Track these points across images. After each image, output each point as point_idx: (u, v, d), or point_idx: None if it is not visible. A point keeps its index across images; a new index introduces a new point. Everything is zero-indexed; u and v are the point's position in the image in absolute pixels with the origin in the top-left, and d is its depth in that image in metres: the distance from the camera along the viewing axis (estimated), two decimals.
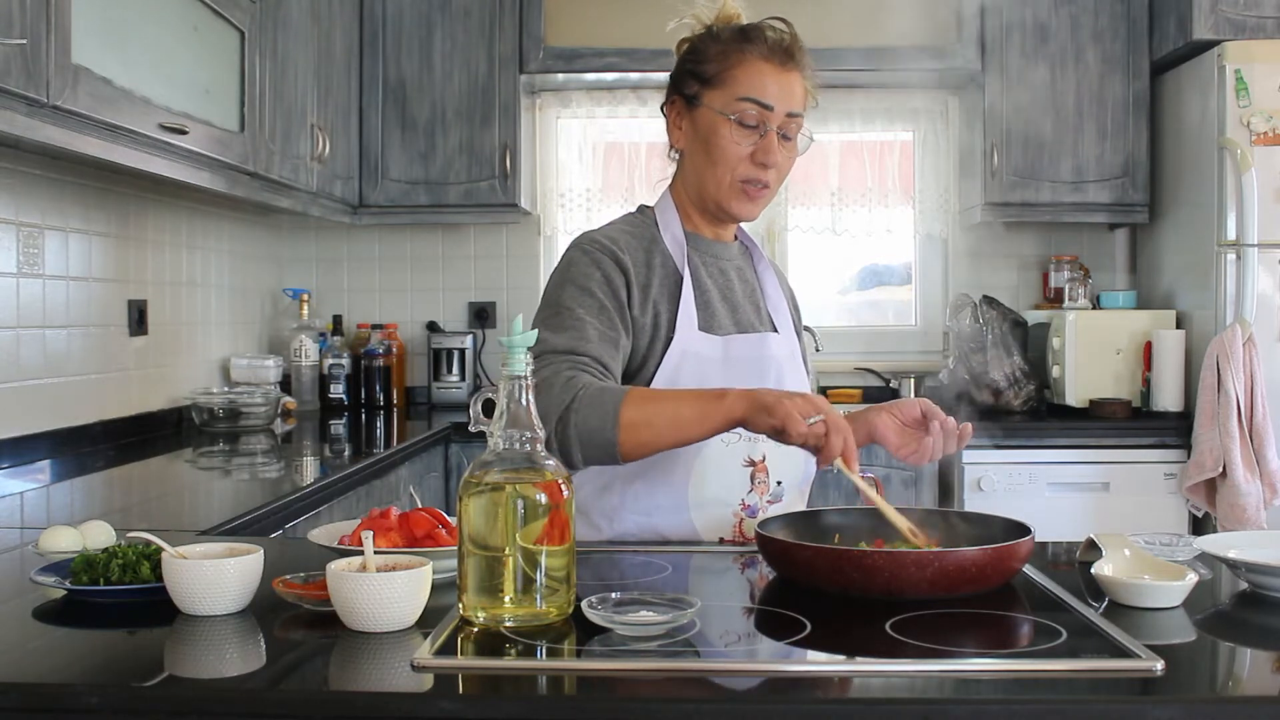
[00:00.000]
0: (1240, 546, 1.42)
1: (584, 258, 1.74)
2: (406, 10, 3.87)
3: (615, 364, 1.69)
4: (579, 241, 1.78)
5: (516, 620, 1.18)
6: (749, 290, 1.87)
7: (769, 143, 1.73)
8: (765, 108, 1.72)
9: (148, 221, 3.18)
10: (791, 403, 1.47)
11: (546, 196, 4.24)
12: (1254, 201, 3.35)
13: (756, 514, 1.73)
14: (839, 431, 1.46)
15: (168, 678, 1.07)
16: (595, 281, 1.71)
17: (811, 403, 1.48)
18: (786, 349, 1.85)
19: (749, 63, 1.73)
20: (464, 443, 3.57)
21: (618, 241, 1.77)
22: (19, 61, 1.83)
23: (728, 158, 1.75)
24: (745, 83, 1.73)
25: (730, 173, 1.75)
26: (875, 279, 4.42)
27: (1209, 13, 3.47)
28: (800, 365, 1.88)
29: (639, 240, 1.79)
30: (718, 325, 1.78)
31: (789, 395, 1.50)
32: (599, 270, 1.72)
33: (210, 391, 3.38)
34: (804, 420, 1.46)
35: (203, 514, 2.22)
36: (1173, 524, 3.46)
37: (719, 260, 1.85)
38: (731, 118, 1.73)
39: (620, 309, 1.71)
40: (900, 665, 1.08)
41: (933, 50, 3.85)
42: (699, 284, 1.79)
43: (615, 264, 1.73)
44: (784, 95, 1.73)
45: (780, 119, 1.74)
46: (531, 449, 1.22)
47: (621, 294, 1.72)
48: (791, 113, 1.74)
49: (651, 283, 1.75)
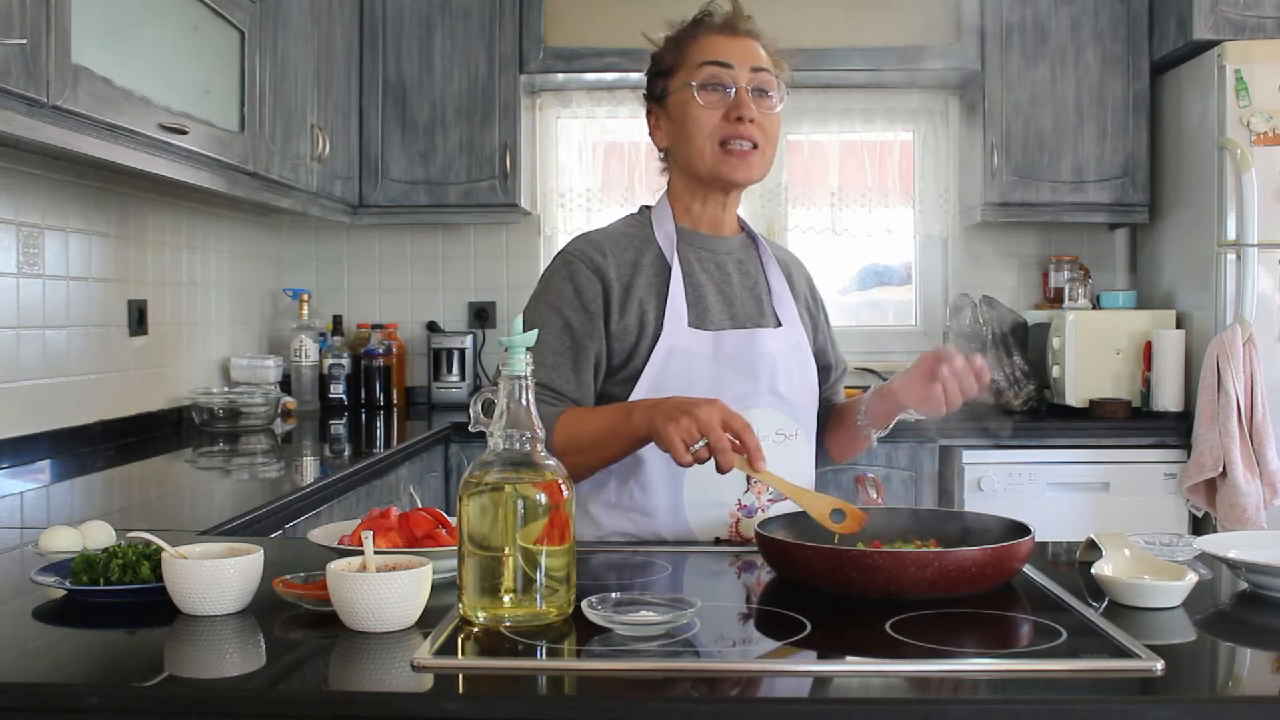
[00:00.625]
0: (1240, 546, 1.42)
1: (561, 270, 1.78)
2: (406, 10, 3.87)
3: (571, 384, 1.73)
4: (565, 249, 1.82)
5: (516, 620, 1.18)
6: (750, 283, 1.86)
7: (740, 98, 1.75)
8: (725, 66, 1.75)
9: (148, 221, 3.18)
10: (677, 427, 1.49)
11: (546, 196, 4.24)
12: (1254, 201, 3.35)
13: (754, 514, 1.73)
14: (723, 452, 1.48)
15: (168, 678, 1.07)
16: (564, 298, 1.75)
17: (703, 419, 1.48)
18: (788, 341, 1.84)
19: (700, 37, 1.79)
20: (464, 443, 3.57)
21: (602, 245, 1.79)
22: (19, 61, 1.83)
23: (701, 125, 1.77)
24: (701, 53, 1.78)
25: (709, 140, 1.77)
26: (875, 279, 4.42)
27: (1209, 13, 3.47)
28: (805, 355, 1.87)
29: (630, 240, 1.81)
30: (711, 320, 1.78)
31: (682, 412, 1.50)
32: (571, 284, 1.76)
33: (210, 391, 3.38)
34: (686, 450, 1.49)
35: (203, 514, 2.22)
36: (1173, 524, 3.46)
37: (716, 254, 1.85)
38: (694, 85, 1.76)
39: (590, 320, 1.74)
40: (900, 665, 1.08)
41: (933, 50, 3.85)
42: (692, 279, 1.79)
43: (592, 272, 1.76)
44: (742, 54, 1.77)
45: (746, 75, 1.76)
46: (531, 449, 1.22)
47: (595, 304, 1.74)
48: (756, 67, 1.76)
49: (636, 282, 1.76)
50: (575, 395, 1.74)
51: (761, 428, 1.69)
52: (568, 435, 1.65)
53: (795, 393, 1.81)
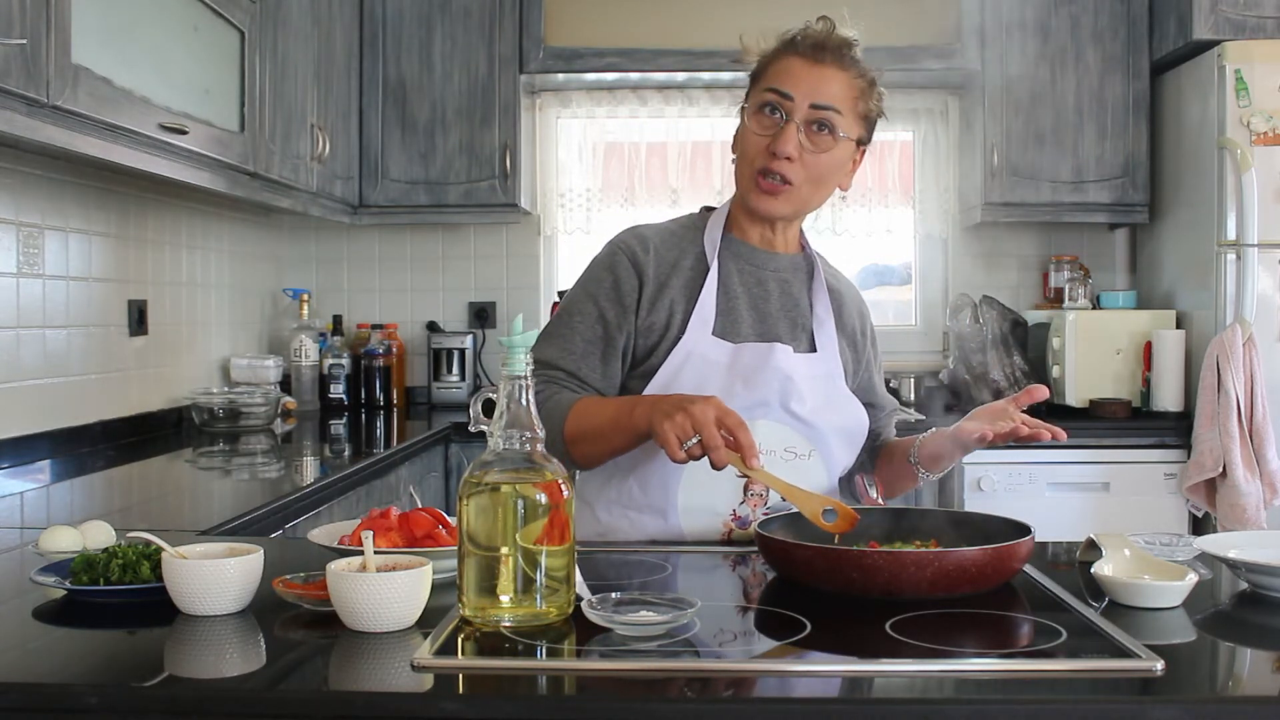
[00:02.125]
0: (1240, 546, 1.42)
1: (605, 259, 1.80)
2: (406, 10, 3.87)
3: (596, 373, 1.74)
4: (614, 238, 1.83)
5: (516, 620, 1.18)
6: (790, 304, 1.82)
7: (784, 131, 1.71)
8: (785, 96, 1.72)
9: (148, 221, 3.18)
10: (671, 423, 1.50)
11: (546, 196, 4.24)
12: (1254, 201, 3.35)
13: (748, 526, 1.71)
14: (715, 448, 1.48)
15: (168, 678, 1.07)
16: (602, 288, 1.77)
17: (698, 416, 1.49)
18: (821, 369, 1.79)
19: (780, 59, 1.75)
20: (464, 443, 3.57)
21: (648, 240, 1.80)
22: (19, 61, 1.83)
23: (747, 149, 1.76)
24: (773, 76, 1.75)
25: (750, 165, 1.75)
26: (875, 279, 4.42)
27: (1209, 13, 3.47)
28: (834, 386, 1.81)
29: (678, 240, 1.81)
30: (737, 332, 1.76)
31: (679, 410, 1.51)
32: (611, 275, 1.77)
33: (210, 391, 3.38)
34: (680, 446, 1.49)
35: (203, 514, 2.22)
36: (1173, 524, 3.45)
37: (760, 270, 1.82)
38: (750, 107, 1.75)
39: (623, 313, 1.75)
40: (900, 665, 1.08)
41: (933, 50, 3.85)
42: (728, 289, 1.78)
43: (631, 264, 1.77)
44: (809, 86, 1.71)
45: (803, 110, 1.71)
46: (531, 449, 1.22)
47: (630, 296, 1.75)
48: (816, 104, 1.71)
49: (671, 282, 1.76)
50: (600, 385, 1.75)
51: (768, 441, 1.69)
52: (577, 423, 1.66)
53: (815, 416, 1.76)
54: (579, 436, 1.66)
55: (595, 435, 1.66)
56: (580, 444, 1.66)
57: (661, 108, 4.14)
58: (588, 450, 1.68)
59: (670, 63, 3.86)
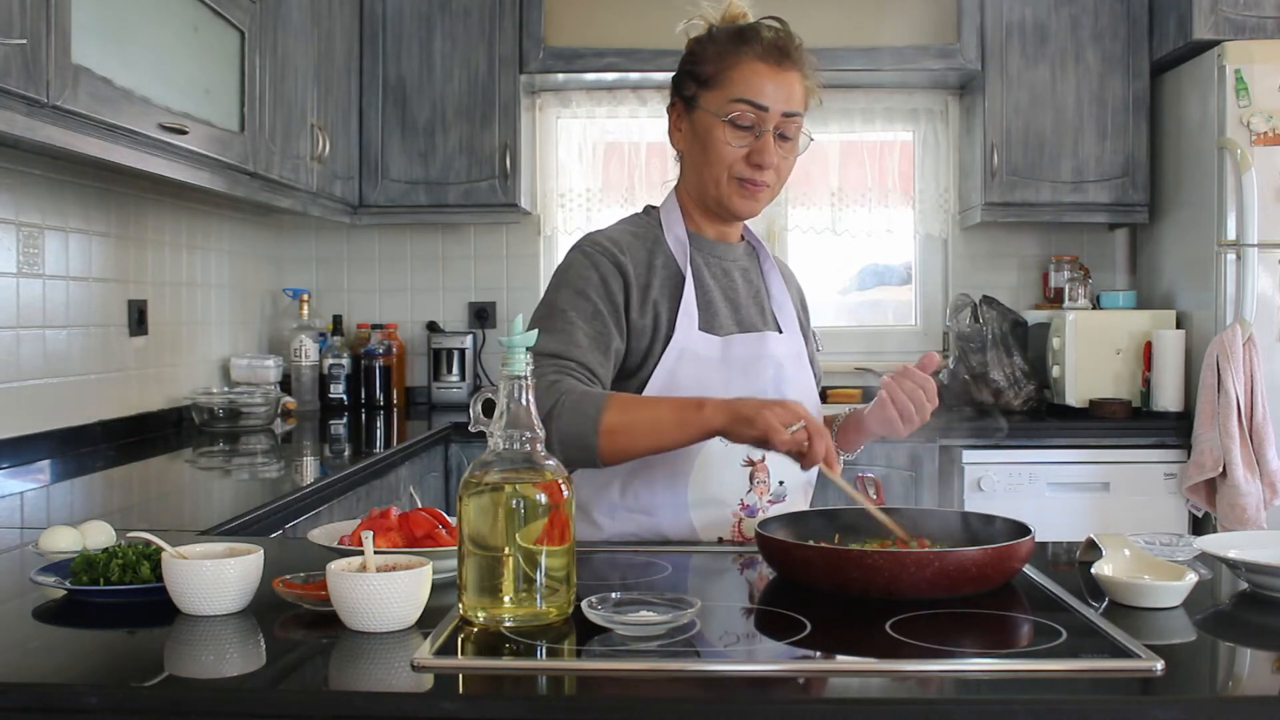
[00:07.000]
0: (1240, 546, 1.42)
1: (583, 259, 1.76)
2: (406, 10, 3.87)
3: (604, 368, 1.71)
4: (581, 243, 1.80)
5: (516, 620, 1.18)
6: (753, 290, 1.87)
7: (764, 144, 1.73)
8: (760, 109, 1.72)
9: (148, 221, 3.18)
10: (771, 412, 1.49)
11: (546, 196, 4.24)
12: (1254, 201, 3.35)
13: (756, 514, 1.74)
14: (820, 436, 1.49)
15: (168, 678, 1.07)
16: (591, 285, 1.73)
17: (791, 410, 1.50)
18: (791, 348, 1.85)
19: (744, 64, 1.73)
20: (464, 443, 3.57)
21: (619, 243, 1.78)
22: (19, 61, 1.83)
23: (723, 159, 1.75)
24: (740, 84, 1.73)
25: (726, 172, 1.76)
26: (875, 279, 4.42)
27: (1209, 13, 3.47)
28: (805, 364, 1.88)
29: (642, 241, 1.80)
30: (719, 325, 1.78)
31: (768, 405, 1.51)
32: (596, 273, 1.73)
33: (210, 391, 3.38)
34: (785, 429, 1.48)
35: (203, 514, 2.22)
36: (1173, 524, 3.46)
37: (722, 260, 1.85)
38: (726, 119, 1.73)
39: (615, 312, 1.73)
40: (900, 665, 1.08)
41: (933, 50, 3.85)
42: (701, 284, 1.79)
43: (614, 266, 1.74)
44: (780, 95, 1.73)
45: (776, 119, 1.73)
46: (531, 449, 1.22)
47: (618, 297, 1.73)
48: (788, 113, 1.74)
49: (652, 283, 1.76)
50: (606, 379, 1.71)
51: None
52: (621, 421, 1.57)
53: (799, 397, 1.78)
54: (621, 428, 1.57)
55: (647, 430, 1.59)
56: (620, 435, 1.57)
57: (661, 108, 4.12)
58: (626, 444, 1.59)
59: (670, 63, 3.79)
